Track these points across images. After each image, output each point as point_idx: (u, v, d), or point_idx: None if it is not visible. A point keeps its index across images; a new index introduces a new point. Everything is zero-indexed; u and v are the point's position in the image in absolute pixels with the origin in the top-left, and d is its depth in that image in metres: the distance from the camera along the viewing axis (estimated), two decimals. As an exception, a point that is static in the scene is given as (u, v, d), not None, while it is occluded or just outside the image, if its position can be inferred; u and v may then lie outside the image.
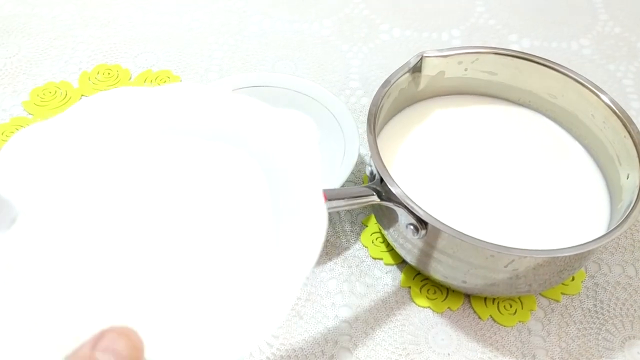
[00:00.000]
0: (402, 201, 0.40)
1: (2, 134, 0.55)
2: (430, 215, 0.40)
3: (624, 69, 0.65)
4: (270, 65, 0.64)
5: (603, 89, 0.48)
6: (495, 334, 0.45)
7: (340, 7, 0.70)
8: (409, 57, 0.50)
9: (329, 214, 0.52)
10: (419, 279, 0.48)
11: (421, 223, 0.40)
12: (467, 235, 0.39)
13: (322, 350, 0.44)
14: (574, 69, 0.49)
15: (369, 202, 0.42)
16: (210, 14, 0.69)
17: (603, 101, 0.47)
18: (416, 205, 0.40)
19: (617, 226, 0.40)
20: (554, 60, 0.50)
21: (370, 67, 0.64)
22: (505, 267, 0.40)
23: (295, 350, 0.44)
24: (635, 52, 0.67)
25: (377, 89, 0.47)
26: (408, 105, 0.52)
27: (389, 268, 0.49)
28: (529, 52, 0.50)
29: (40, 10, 0.68)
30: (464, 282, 0.43)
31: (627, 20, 0.71)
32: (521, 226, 0.45)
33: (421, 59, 0.49)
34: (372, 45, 0.66)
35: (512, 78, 0.51)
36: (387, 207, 0.42)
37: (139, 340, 0.24)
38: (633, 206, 0.41)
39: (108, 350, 0.23)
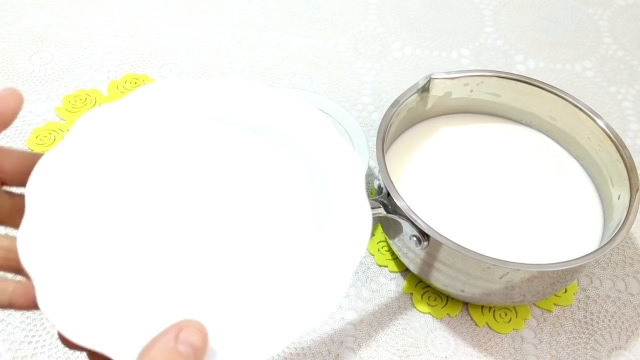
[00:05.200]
0: (407, 214, 0.44)
1: (37, 137, 0.59)
2: (432, 229, 0.43)
3: (625, 92, 0.68)
4: (287, 79, 0.67)
5: (603, 110, 0.51)
6: (490, 340, 0.49)
7: (356, 24, 0.74)
8: (419, 74, 0.53)
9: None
10: (421, 286, 0.51)
11: (423, 235, 0.44)
12: (465, 248, 0.42)
13: (329, 350, 0.47)
14: (576, 91, 0.52)
15: (376, 214, 0.45)
16: (231, 28, 0.72)
17: (599, 125, 0.50)
18: (419, 218, 0.43)
19: (604, 245, 0.43)
20: (556, 83, 0.53)
21: (381, 83, 0.67)
22: (501, 278, 0.43)
23: (303, 349, 0.47)
24: (636, 75, 0.70)
25: (387, 104, 0.50)
26: (416, 123, 0.55)
27: (393, 275, 0.52)
28: (533, 75, 0.54)
29: (72, 20, 0.72)
30: (463, 290, 0.47)
31: (629, 44, 0.74)
32: (520, 240, 0.48)
33: (429, 80, 0.52)
34: (384, 62, 0.70)
35: (515, 100, 0.55)
36: (393, 219, 0.46)
37: (207, 334, 0.26)
38: (621, 226, 0.44)
39: (188, 344, 0.25)
